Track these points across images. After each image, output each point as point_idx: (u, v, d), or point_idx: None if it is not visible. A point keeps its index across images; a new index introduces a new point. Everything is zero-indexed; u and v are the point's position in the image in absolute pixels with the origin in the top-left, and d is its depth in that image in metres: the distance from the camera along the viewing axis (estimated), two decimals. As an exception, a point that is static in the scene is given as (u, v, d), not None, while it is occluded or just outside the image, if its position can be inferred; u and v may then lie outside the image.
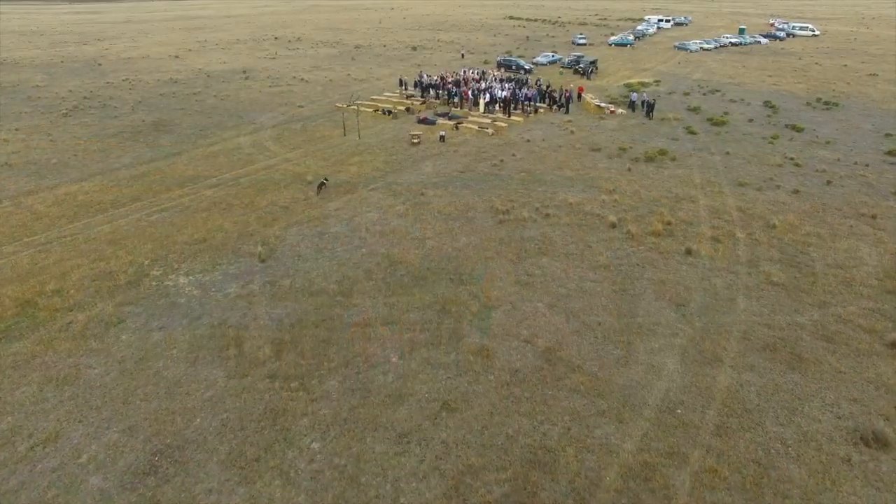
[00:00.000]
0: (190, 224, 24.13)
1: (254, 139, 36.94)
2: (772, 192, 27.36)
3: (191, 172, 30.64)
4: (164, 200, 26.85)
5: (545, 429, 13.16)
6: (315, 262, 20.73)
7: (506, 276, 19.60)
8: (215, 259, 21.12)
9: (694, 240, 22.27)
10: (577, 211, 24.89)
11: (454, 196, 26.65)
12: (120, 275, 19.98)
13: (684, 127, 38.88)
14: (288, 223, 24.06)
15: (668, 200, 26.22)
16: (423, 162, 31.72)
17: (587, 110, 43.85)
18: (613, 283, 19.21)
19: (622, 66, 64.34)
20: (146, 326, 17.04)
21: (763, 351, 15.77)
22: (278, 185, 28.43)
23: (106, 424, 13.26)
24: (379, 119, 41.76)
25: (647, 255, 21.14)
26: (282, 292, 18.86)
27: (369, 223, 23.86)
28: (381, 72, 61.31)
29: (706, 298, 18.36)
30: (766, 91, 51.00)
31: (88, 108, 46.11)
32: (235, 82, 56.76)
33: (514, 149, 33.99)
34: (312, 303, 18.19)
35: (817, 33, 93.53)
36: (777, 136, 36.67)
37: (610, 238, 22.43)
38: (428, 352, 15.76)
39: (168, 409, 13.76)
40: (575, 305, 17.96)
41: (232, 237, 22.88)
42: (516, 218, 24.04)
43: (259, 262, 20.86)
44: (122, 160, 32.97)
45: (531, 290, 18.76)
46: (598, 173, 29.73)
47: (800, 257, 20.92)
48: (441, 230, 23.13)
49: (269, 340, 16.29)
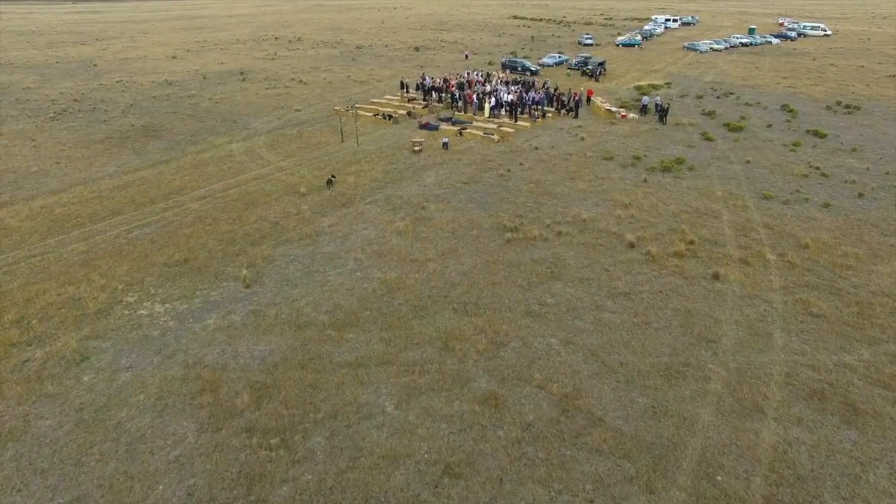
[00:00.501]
0: (172, 242, 22.27)
1: (247, 146, 35.08)
2: (800, 205, 25.38)
3: (178, 183, 28.78)
4: (146, 214, 25.00)
5: (564, 501, 11.24)
6: (305, 288, 18.84)
7: (515, 306, 17.68)
8: (196, 283, 19.25)
9: (720, 262, 20.31)
10: (592, 228, 22.94)
11: (458, 211, 24.73)
12: (90, 302, 18.12)
13: (700, 133, 36.88)
14: (277, 241, 22.18)
15: (688, 216, 24.26)
16: (425, 171, 29.81)
17: (597, 115, 41.87)
18: (635, 315, 17.27)
19: (631, 67, 62.30)
20: (113, 365, 15.17)
21: (810, 399, 13.82)
22: (269, 198, 26.54)
23: (50, 495, 11.38)
24: (379, 124, 39.85)
25: (671, 280, 19.19)
26: (266, 324, 16.98)
27: (365, 242, 21.96)
28: (383, 73, 59.40)
29: (739, 333, 16.41)
30: (783, 94, 48.94)
31: (77, 112, 44.33)
32: (232, 84, 54.94)
33: (522, 157, 32.06)
34: (300, 337, 16.30)
35: (829, 33, 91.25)
36: (799, 142, 34.64)
37: (628, 260, 20.48)
38: (428, 400, 13.86)
39: (127, 474, 11.88)
40: (593, 341, 16.03)
41: (216, 257, 21.01)
42: (525, 236, 22.11)
43: (243, 287, 18.99)
44: (107, 169, 31.14)
45: (544, 323, 16.83)
46: (612, 185, 27.77)
47: (839, 283, 18.95)
48: (444, 250, 21.22)
49: (249, 384, 14.40)
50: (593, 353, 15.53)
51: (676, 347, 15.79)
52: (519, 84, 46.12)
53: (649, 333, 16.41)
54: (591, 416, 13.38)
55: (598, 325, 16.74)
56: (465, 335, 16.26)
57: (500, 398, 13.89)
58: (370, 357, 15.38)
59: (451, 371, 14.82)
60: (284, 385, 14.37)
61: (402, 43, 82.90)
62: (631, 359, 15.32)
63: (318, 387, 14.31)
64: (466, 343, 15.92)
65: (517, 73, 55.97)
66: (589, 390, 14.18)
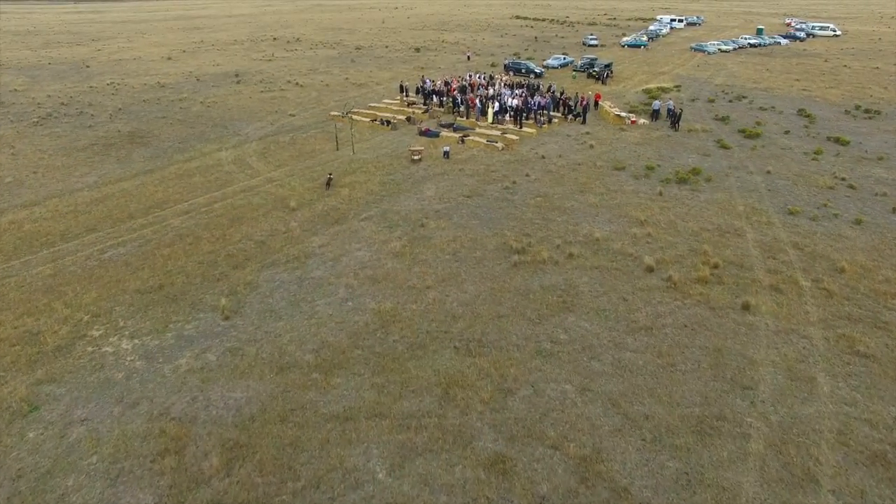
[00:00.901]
0: (148, 264, 20.39)
1: (236, 154, 33.19)
2: (829, 222, 23.45)
3: (160, 195, 26.90)
4: (123, 232, 23.13)
5: None
6: (290, 321, 16.95)
7: (524, 344, 15.77)
8: (170, 314, 17.37)
9: (749, 290, 18.39)
10: (606, 249, 21.03)
11: (460, 228, 22.83)
12: (49, 336, 16.25)
13: (715, 140, 34.93)
14: (262, 264, 20.30)
15: (710, 234, 22.34)
16: (425, 183, 27.90)
17: (606, 120, 39.92)
18: (658, 354, 15.36)
19: (638, 69, 60.32)
20: (65, 418, 13.30)
21: (871, 465, 11.89)
22: (256, 213, 24.66)
23: None
24: (376, 130, 37.95)
25: (696, 311, 17.27)
26: (245, 365, 15.09)
27: (358, 265, 20.06)
28: (382, 75, 57.49)
29: (778, 377, 14.49)
30: (797, 97, 46.95)
31: (63, 116, 42.49)
32: (226, 87, 53.07)
33: (528, 167, 30.13)
34: (281, 382, 14.41)
35: (839, 33, 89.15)
36: (820, 150, 32.69)
37: (648, 287, 18.56)
38: (426, 464, 11.96)
39: (66, 564, 10.01)
40: (613, 388, 14.12)
41: (194, 283, 19.13)
42: (534, 259, 20.19)
43: (222, 319, 17.11)
44: (87, 179, 29.28)
45: (556, 365, 14.93)
46: (625, 198, 25.84)
47: (885, 315, 17.01)
48: (444, 275, 19.31)
49: (221, 443, 12.51)
50: (614, 403, 13.62)
51: (708, 395, 13.88)
52: (523, 87, 44.18)
53: (676, 378, 14.49)
54: (615, 485, 11.47)
55: (617, 368, 14.83)
56: (468, 380, 14.36)
57: (509, 462, 11.99)
58: (360, 408, 13.49)
59: (452, 426, 12.92)
60: (261, 444, 12.48)
61: (403, 44, 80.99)
62: (657, 410, 13.41)
63: (299, 446, 12.42)
64: (469, 390, 14.02)
65: (521, 76, 54.02)
66: (611, 451, 12.27)
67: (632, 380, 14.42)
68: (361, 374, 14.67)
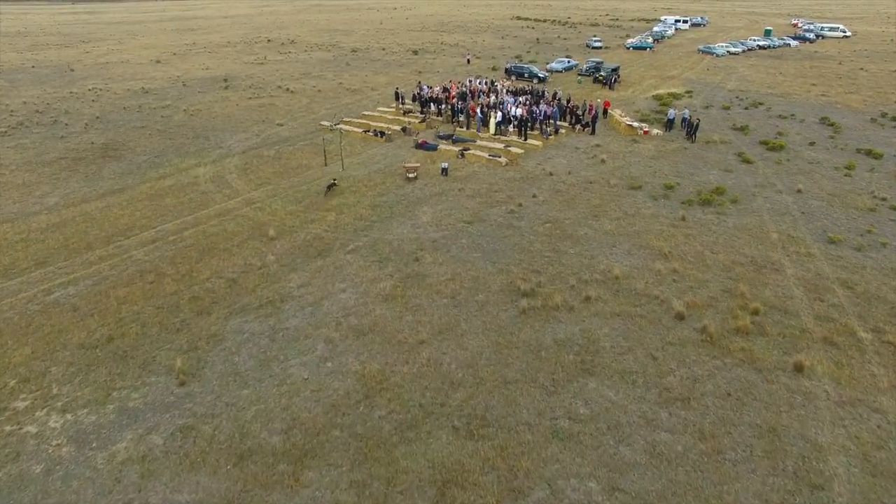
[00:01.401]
0: (98, 309, 17.63)
1: (215, 170, 30.42)
2: (877, 252, 20.74)
3: (125, 220, 24.14)
4: (77, 266, 20.38)
5: None
6: (256, 388, 14.19)
7: (537, 421, 13.02)
8: (115, 378, 14.61)
9: (799, 343, 15.65)
10: (627, 290, 18.26)
11: (459, 263, 20.06)
12: (-35, 411, 13.49)
13: (735, 153, 32.21)
14: (231, 309, 17.53)
15: (744, 269, 19.60)
16: (420, 206, 25.12)
17: (616, 130, 37.15)
18: (701, 436, 12.60)
19: (645, 73, 57.57)
20: (-38, 533, 10.55)
21: None
22: (230, 243, 21.90)
23: None
24: (369, 142, 35.17)
25: (740, 374, 14.52)
26: (198, 452, 12.33)
27: (342, 312, 17.28)
28: (378, 80, 54.71)
29: (853, 471, 11.74)
30: (817, 104, 44.22)
31: (35, 126, 39.71)
32: (213, 93, 50.30)
33: (535, 186, 27.36)
34: (240, 477, 11.65)
35: (849, 34, 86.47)
36: (852, 164, 29.98)
37: (680, 340, 15.80)
38: None
39: None
40: (648, 486, 11.37)
41: (149, 334, 16.37)
42: (545, 304, 17.41)
43: (177, 385, 14.35)
44: (47, 200, 26.51)
45: (577, 452, 12.17)
46: (645, 224, 23.09)
47: (965, 380, 14.26)
48: (441, 326, 16.54)
49: (152, 574, 9.76)
50: (652, 510, 10.87)
51: (769, 499, 11.11)
52: (527, 94, 41.39)
53: (726, 471, 11.74)
54: None
55: (652, 457, 12.07)
56: (470, 476, 11.59)
57: None
58: (334, 519, 10.73)
59: (449, 549, 10.17)
60: (203, 576, 9.72)
61: (401, 46, 78.20)
62: (707, 521, 10.66)
63: (252, 580, 9.66)
64: (471, 491, 11.26)
65: (524, 80, 51.24)
66: (654, 587, 9.52)
67: (671, 474, 11.66)
68: (339, 465, 11.91)
